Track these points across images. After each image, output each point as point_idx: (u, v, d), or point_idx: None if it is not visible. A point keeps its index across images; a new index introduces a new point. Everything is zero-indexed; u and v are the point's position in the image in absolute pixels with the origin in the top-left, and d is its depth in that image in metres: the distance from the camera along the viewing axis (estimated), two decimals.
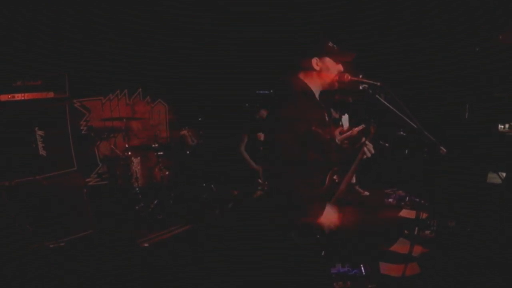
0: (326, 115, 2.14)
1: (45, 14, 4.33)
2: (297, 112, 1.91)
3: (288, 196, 1.91)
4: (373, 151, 2.20)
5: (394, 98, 1.95)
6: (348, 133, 3.92)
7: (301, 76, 2.09)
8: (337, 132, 4.72)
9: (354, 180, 5.38)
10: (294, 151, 1.88)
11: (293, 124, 1.89)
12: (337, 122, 5.27)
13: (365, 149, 2.16)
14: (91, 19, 4.78)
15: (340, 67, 2.07)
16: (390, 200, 5.14)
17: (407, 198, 5.06)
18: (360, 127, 3.17)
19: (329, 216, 1.95)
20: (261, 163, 4.22)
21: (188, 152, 5.14)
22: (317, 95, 2.11)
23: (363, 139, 2.22)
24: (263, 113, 4.49)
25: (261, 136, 4.45)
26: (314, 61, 2.03)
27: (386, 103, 1.98)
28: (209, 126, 5.42)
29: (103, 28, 4.93)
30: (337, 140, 4.95)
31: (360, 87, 2.01)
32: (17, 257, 3.25)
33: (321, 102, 2.14)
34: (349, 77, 2.02)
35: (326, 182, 2.06)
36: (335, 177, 2.09)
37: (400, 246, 3.52)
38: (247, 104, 4.83)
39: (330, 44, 2.03)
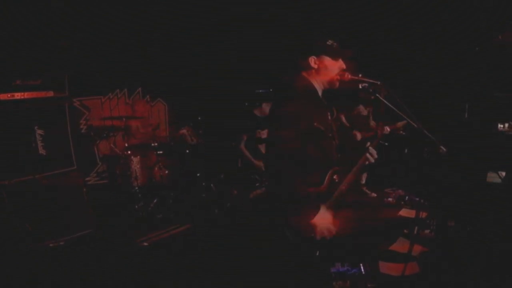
0: (329, 114, 2.14)
1: (45, 14, 4.33)
2: (299, 109, 1.91)
3: (285, 193, 1.91)
4: (376, 157, 2.12)
5: (394, 97, 1.95)
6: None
7: (304, 74, 2.09)
8: (357, 133, 4.74)
9: (363, 181, 5.38)
10: (294, 148, 1.88)
11: (294, 121, 1.89)
12: (366, 120, 5.23)
13: (368, 155, 2.10)
14: (91, 19, 4.78)
15: (341, 64, 2.06)
16: (390, 199, 5.14)
17: (407, 197, 5.06)
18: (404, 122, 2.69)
19: (323, 218, 1.92)
20: (262, 160, 4.21)
21: (187, 151, 5.15)
22: (320, 93, 2.11)
23: (368, 144, 2.15)
24: (265, 108, 4.45)
25: (262, 133, 4.44)
26: (312, 60, 2.04)
27: (386, 102, 1.99)
28: (209, 126, 5.42)
29: (103, 28, 4.93)
30: (358, 138, 4.93)
31: (360, 86, 2.01)
32: (17, 256, 3.25)
33: (325, 101, 2.14)
34: (349, 76, 2.02)
35: (326, 181, 2.05)
36: (335, 176, 2.08)
37: (400, 246, 3.52)
38: (246, 104, 4.83)
39: (329, 42, 2.03)
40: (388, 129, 2.15)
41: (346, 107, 5.22)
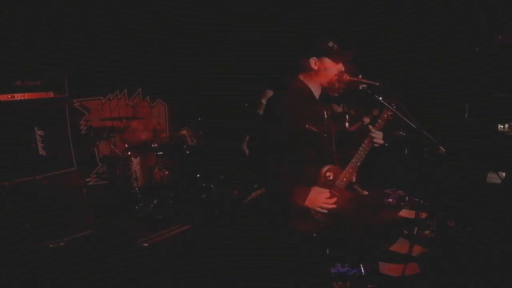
0: (325, 112, 2.14)
1: (45, 14, 4.33)
2: (290, 111, 1.93)
3: (279, 191, 1.92)
4: (382, 142, 2.04)
5: (393, 98, 1.96)
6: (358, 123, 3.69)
7: (301, 76, 2.10)
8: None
9: (353, 179, 5.34)
10: (285, 148, 1.89)
11: (286, 122, 1.90)
12: (343, 117, 5.21)
13: (372, 138, 2.02)
14: (91, 19, 4.78)
15: (340, 67, 2.07)
16: (390, 200, 5.13)
17: (407, 198, 5.05)
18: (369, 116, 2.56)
19: (315, 194, 1.94)
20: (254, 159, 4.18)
21: (187, 152, 5.14)
22: (316, 94, 2.11)
23: (370, 127, 2.06)
24: (268, 94, 4.39)
25: None
26: (312, 61, 2.04)
27: (385, 103, 1.98)
28: (209, 126, 5.42)
29: (103, 28, 4.93)
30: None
31: (360, 87, 2.01)
32: (17, 256, 3.25)
33: (322, 100, 2.14)
34: (348, 77, 2.02)
35: (319, 179, 2.04)
36: (328, 174, 2.07)
37: (400, 246, 3.52)
38: (246, 104, 4.82)
39: (330, 43, 2.03)
40: (390, 113, 2.02)
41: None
